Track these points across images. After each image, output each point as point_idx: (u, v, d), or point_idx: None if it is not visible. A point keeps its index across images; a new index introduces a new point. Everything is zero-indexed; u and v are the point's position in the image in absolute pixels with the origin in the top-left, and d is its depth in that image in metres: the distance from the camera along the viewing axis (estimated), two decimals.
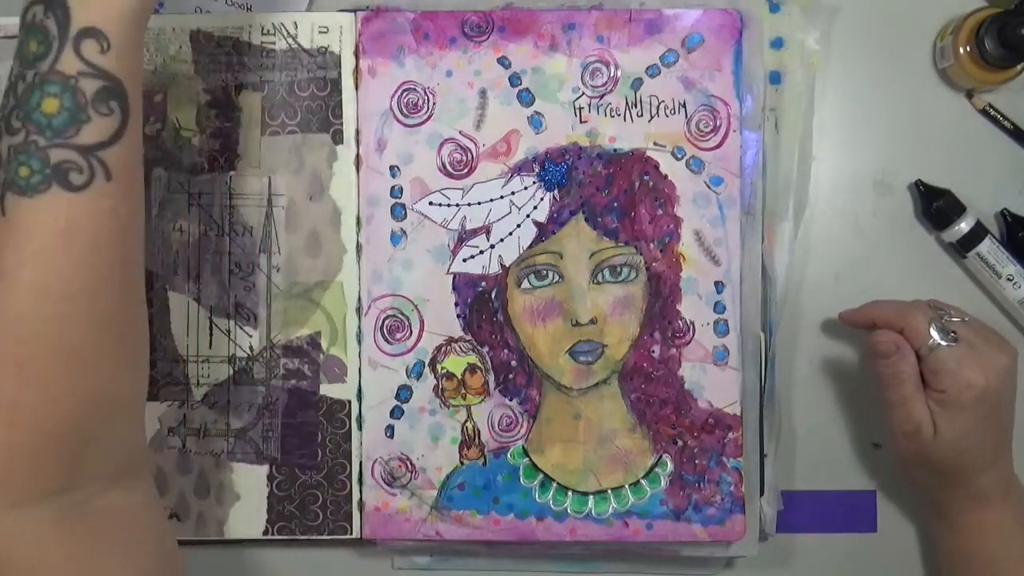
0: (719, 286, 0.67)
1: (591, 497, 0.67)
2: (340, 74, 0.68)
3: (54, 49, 0.46)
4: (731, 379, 0.67)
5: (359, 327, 0.68)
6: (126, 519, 0.50)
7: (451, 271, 0.68)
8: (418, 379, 0.68)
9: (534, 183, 0.67)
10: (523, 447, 0.68)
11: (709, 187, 0.67)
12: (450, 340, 0.68)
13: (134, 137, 0.48)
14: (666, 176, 0.67)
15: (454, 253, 0.68)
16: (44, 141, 0.45)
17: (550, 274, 0.67)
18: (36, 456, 0.46)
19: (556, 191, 0.67)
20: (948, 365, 0.62)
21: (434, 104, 0.68)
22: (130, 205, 0.49)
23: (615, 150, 0.68)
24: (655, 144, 0.67)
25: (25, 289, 0.45)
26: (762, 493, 0.68)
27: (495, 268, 0.68)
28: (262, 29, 0.68)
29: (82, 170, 0.46)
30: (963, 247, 0.70)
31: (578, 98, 0.68)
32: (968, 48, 0.68)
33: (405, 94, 0.68)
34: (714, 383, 0.67)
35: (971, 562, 0.65)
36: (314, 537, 0.68)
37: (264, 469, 0.68)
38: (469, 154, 0.68)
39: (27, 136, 0.45)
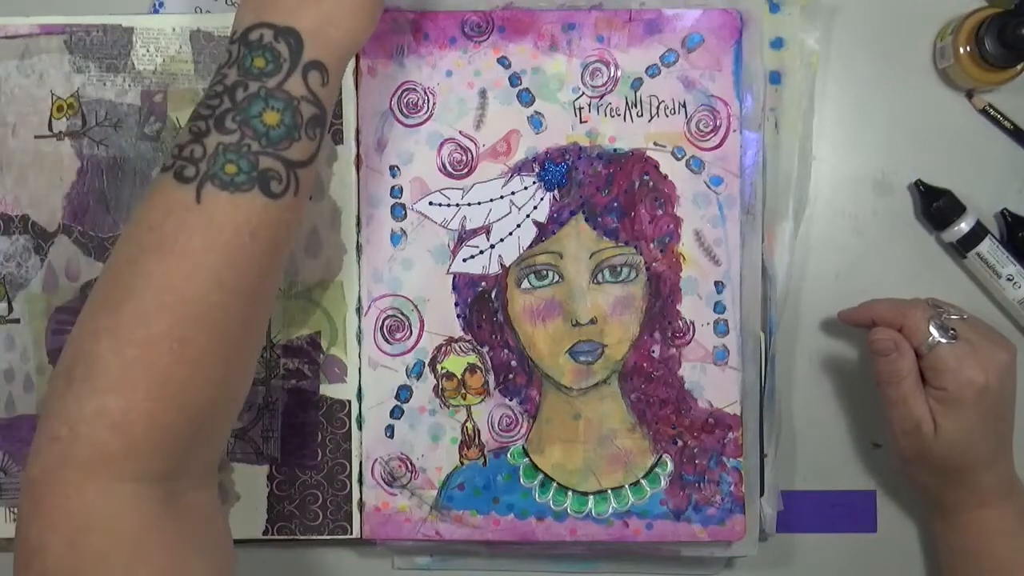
0: (719, 286, 0.67)
1: (591, 497, 0.67)
2: None
3: (284, 71, 0.50)
4: (731, 379, 0.67)
5: (359, 327, 0.68)
6: (207, 518, 0.52)
7: (451, 271, 0.68)
8: (418, 379, 0.68)
9: (534, 183, 0.67)
10: (523, 447, 0.68)
11: (709, 187, 0.67)
12: (450, 340, 0.68)
13: (317, 162, 0.52)
14: (666, 176, 0.67)
15: (454, 253, 0.68)
16: (257, 147, 0.49)
17: (550, 274, 0.67)
18: (168, 432, 0.47)
19: (556, 191, 0.67)
20: (948, 362, 0.62)
21: (434, 104, 0.68)
22: (300, 221, 0.53)
23: (615, 150, 0.68)
24: (655, 144, 0.67)
25: (204, 275, 0.48)
26: (762, 493, 0.68)
27: (495, 268, 0.68)
28: None
29: (282, 181, 0.50)
30: (963, 247, 0.70)
31: (578, 98, 0.68)
32: (968, 48, 0.68)
33: (405, 94, 0.68)
34: (714, 383, 0.67)
35: (973, 560, 0.65)
36: (314, 537, 0.68)
37: (264, 469, 0.68)
38: (469, 154, 0.68)
39: (241, 138, 0.49)
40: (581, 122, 0.68)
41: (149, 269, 0.48)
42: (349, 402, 0.68)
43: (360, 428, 0.68)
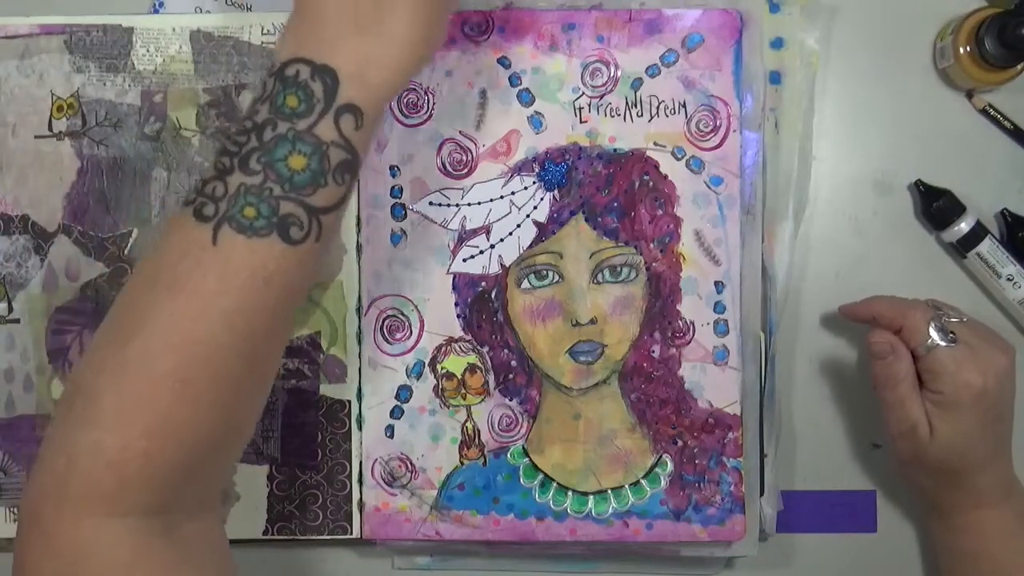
0: (719, 286, 0.67)
1: (591, 497, 0.67)
2: None
3: (316, 113, 0.47)
4: (731, 379, 0.67)
5: (359, 327, 0.68)
6: (206, 546, 0.51)
7: (451, 271, 0.68)
8: (418, 379, 0.68)
9: (534, 183, 0.67)
10: (523, 447, 0.68)
11: (709, 187, 0.67)
12: (450, 340, 0.68)
13: (346, 207, 0.50)
14: (666, 176, 0.67)
15: (454, 253, 0.68)
16: (279, 191, 0.47)
17: (550, 274, 0.67)
18: (164, 469, 0.47)
19: (556, 191, 0.67)
20: (946, 366, 0.62)
21: (434, 104, 0.68)
22: (318, 265, 0.51)
23: (615, 150, 0.67)
24: (655, 144, 0.67)
25: (215, 318, 0.47)
26: (762, 493, 0.68)
27: (495, 268, 0.68)
28: (262, 29, 0.68)
29: (303, 227, 0.48)
30: (963, 247, 0.70)
31: (578, 98, 0.68)
32: (968, 48, 0.68)
33: (405, 94, 0.68)
34: (714, 383, 0.67)
35: (972, 562, 0.65)
36: (314, 537, 0.68)
37: (264, 469, 0.68)
38: (469, 154, 0.68)
39: (264, 181, 0.47)
40: (581, 122, 0.68)
41: (159, 307, 0.47)
42: (349, 402, 0.68)
43: (360, 428, 0.68)
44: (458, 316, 0.68)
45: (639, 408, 0.67)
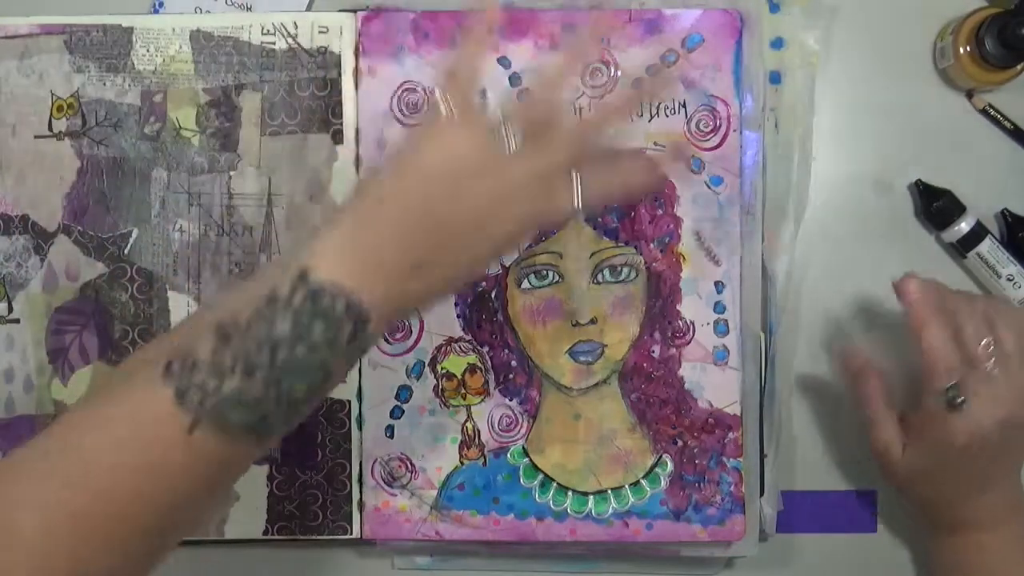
0: (719, 286, 0.67)
1: (591, 497, 0.67)
2: (340, 74, 0.68)
3: (336, 353, 0.46)
4: (731, 379, 0.67)
5: None
6: None
7: None
8: (418, 379, 0.68)
9: None
10: (523, 447, 0.68)
11: (709, 187, 0.67)
12: (450, 340, 0.68)
13: None
14: (666, 176, 0.67)
15: None
16: (272, 408, 0.46)
17: (550, 274, 0.67)
18: None
19: None
20: (937, 425, 0.60)
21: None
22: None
23: None
24: (655, 144, 0.67)
25: (165, 494, 0.46)
26: (762, 493, 0.68)
27: (495, 268, 0.68)
28: (262, 29, 0.68)
29: (279, 430, 0.48)
30: (963, 247, 0.70)
31: (578, 98, 0.68)
32: (968, 48, 0.68)
33: (405, 94, 0.68)
34: (714, 383, 0.67)
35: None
36: (314, 537, 0.68)
37: (264, 469, 0.68)
38: None
39: (264, 396, 0.46)
40: None
41: (110, 473, 0.45)
42: (349, 402, 0.68)
43: (360, 428, 0.68)
44: (458, 316, 0.68)
45: (639, 408, 0.67)
